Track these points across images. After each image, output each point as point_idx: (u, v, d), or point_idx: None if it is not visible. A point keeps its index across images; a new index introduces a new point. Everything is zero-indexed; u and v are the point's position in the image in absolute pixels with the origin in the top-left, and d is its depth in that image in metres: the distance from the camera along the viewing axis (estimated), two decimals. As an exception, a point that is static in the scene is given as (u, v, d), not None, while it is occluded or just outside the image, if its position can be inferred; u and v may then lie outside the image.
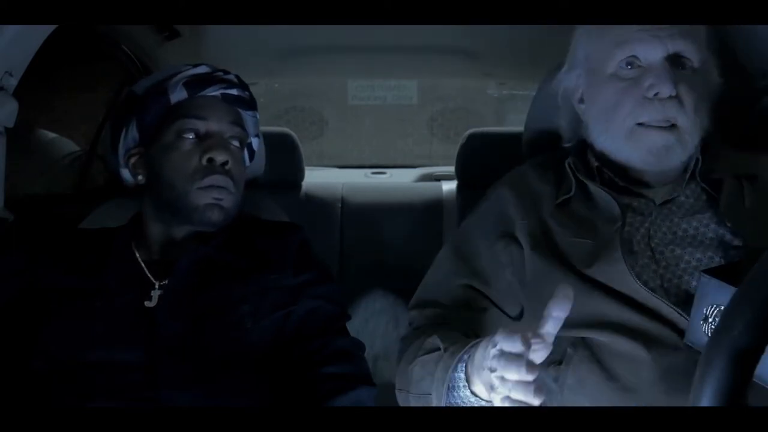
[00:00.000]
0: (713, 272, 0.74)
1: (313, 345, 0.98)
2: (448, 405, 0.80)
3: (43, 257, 1.00)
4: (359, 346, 1.03)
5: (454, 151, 1.76)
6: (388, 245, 1.68)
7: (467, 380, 0.78)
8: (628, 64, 0.90)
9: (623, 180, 0.93)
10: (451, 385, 0.80)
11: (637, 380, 0.82)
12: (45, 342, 0.93)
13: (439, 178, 2.15)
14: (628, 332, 0.83)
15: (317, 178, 2.02)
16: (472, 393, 0.77)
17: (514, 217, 0.97)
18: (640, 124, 0.88)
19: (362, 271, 1.66)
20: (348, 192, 1.77)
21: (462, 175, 1.72)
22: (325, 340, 0.99)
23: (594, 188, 0.92)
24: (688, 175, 0.91)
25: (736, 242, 0.85)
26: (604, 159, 0.95)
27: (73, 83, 1.68)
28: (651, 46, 0.88)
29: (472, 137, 1.71)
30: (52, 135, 1.64)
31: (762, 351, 0.45)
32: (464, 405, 0.79)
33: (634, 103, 0.88)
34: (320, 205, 1.72)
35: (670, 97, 0.86)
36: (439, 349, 0.87)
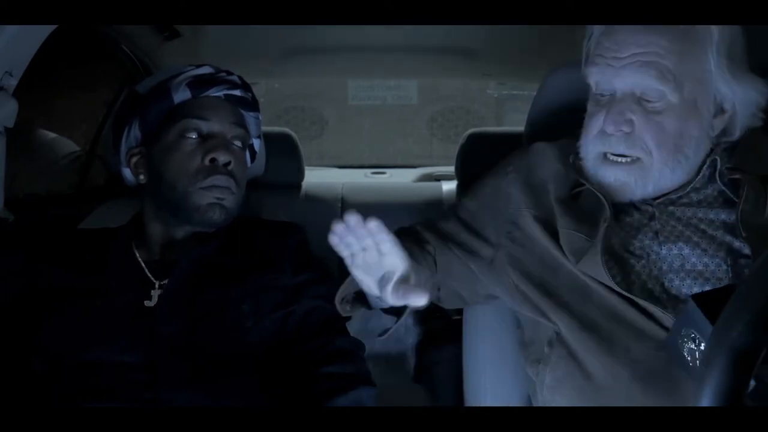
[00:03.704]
0: (701, 299, 0.73)
1: (313, 345, 0.98)
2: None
3: (43, 257, 1.01)
4: (359, 346, 1.03)
5: (454, 151, 1.75)
6: None
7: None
8: (598, 89, 0.88)
9: None
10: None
11: (613, 379, 0.82)
12: (45, 342, 0.94)
13: (439, 178, 2.15)
14: (605, 330, 0.83)
15: (317, 178, 2.01)
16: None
17: (519, 203, 0.97)
18: (604, 153, 0.87)
19: (362, 270, 1.65)
20: (348, 192, 1.77)
21: (462, 175, 1.72)
22: (324, 340, 0.99)
23: (589, 186, 0.92)
24: (699, 177, 0.88)
25: (747, 250, 0.82)
26: None
27: (73, 83, 1.68)
28: (607, 75, 0.85)
29: (472, 137, 1.70)
30: (52, 135, 1.64)
31: (762, 351, 0.45)
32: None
33: (598, 131, 0.87)
34: (320, 205, 1.71)
35: (626, 133, 0.84)
36: None
